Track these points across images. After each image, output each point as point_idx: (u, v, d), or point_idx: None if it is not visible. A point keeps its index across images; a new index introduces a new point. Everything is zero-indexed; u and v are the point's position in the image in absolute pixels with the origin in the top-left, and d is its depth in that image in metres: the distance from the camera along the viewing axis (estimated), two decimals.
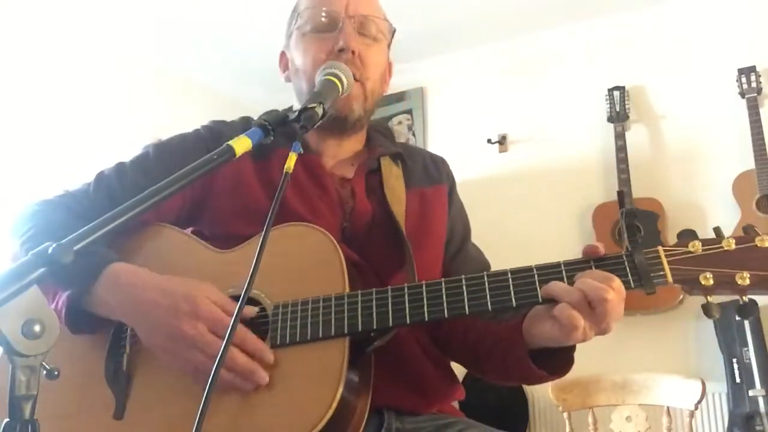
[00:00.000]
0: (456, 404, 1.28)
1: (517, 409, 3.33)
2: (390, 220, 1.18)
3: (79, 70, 3.36)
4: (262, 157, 1.19)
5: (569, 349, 1.02)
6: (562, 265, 0.96)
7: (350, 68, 1.13)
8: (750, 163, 3.09)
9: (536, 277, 0.95)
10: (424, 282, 0.99)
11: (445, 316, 0.97)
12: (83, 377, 1.05)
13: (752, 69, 3.21)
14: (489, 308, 0.96)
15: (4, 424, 0.61)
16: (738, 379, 2.92)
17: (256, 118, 0.97)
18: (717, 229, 0.95)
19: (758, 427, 2.78)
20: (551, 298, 0.93)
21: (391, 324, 0.97)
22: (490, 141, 3.83)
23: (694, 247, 0.93)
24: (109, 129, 3.33)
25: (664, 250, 0.94)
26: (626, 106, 3.49)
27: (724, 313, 2.89)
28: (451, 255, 1.28)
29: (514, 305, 0.95)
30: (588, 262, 0.96)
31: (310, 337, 0.97)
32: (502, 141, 3.84)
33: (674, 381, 2.18)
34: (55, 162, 3.00)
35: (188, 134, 1.27)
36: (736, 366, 2.93)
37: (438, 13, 3.56)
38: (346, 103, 1.18)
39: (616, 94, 3.51)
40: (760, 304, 2.91)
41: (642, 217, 3.18)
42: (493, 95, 3.92)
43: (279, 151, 1.16)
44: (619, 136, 3.42)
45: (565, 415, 2.28)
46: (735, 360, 2.94)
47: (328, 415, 0.90)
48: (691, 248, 0.93)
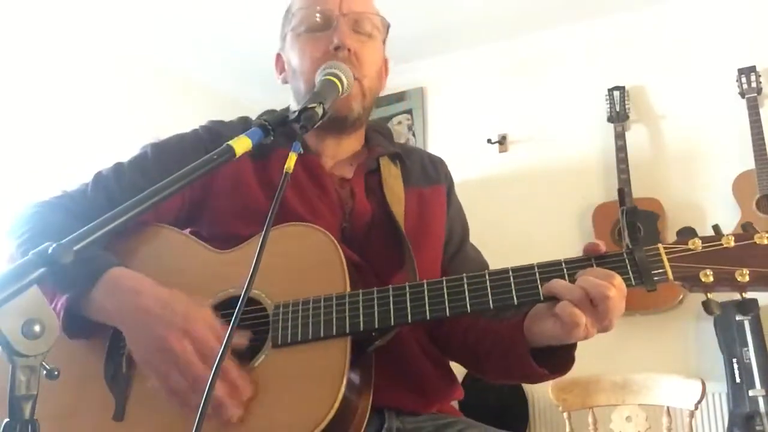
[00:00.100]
0: (455, 404, 1.28)
1: (517, 409, 3.33)
2: (389, 220, 1.18)
3: (79, 70, 3.36)
4: (261, 157, 1.19)
5: (570, 348, 1.02)
6: (564, 263, 0.96)
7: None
8: (750, 163, 3.09)
9: (537, 275, 0.96)
10: (426, 281, 0.99)
11: (447, 315, 0.96)
12: (82, 378, 1.05)
13: (752, 69, 3.21)
14: (491, 306, 0.95)
15: (4, 424, 0.61)
16: (738, 379, 2.91)
17: (255, 118, 0.96)
18: (716, 227, 0.96)
19: (758, 427, 2.77)
20: (553, 296, 0.93)
21: (393, 323, 0.97)
22: (490, 141, 3.83)
23: (694, 244, 0.94)
24: (109, 129, 3.32)
25: (665, 248, 0.94)
26: (626, 106, 3.49)
27: (724, 312, 2.89)
28: (450, 256, 1.28)
29: (515, 303, 0.95)
30: (589, 259, 0.96)
31: (311, 337, 0.97)
32: (502, 141, 3.84)
33: (674, 381, 2.18)
34: (55, 162, 3.00)
35: (187, 134, 1.26)
36: (736, 366, 2.93)
37: (438, 13, 3.56)
38: (345, 102, 1.17)
39: (616, 94, 3.51)
40: (761, 303, 2.91)
41: (642, 217, 3.18)
42: (493, 95, 3.92)
43: (279, 151, 1.16)
44: (619, 136, 3.42)
45: (565, 415, 2.28)
46: (735, 360, 2.93)
47: (330, 415, 0.90)
48: (691, 246, 0.94)
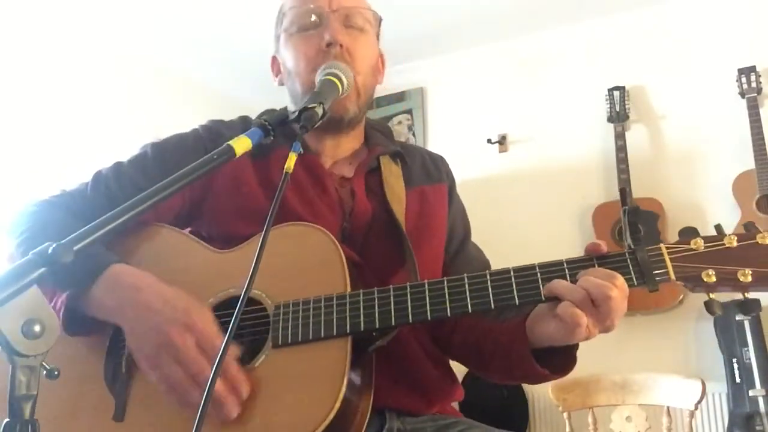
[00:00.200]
0: (456, 404, 1.27)
1: (517, 409, 3.33)
2: (390, 220, 1.18)
3: (79, 70, 3.36)
4: (261, 157, 1.18)
5: (572, 348, 1.01)
6: (565, 263, 0.96)
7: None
8: (750, 163, 3.09)
9: (539, 275, 0.95)
10: (427, 281, 0.99)
11: (448, 315, 0.96)
12: (82, 378, 1.04)
13: (752, 69, 3.21)
14: (492, 306, 0.95)
15: (4, 424, 0.61)
16: (738, 379, 2.91)
17: (255, 117, 0.96)
18: (718, 227, 0.95)
19: (758, 427, 2.77)
20: (554, 296, 0.93)
21: (394, 323, 0.97)
22: (490, 141, 3.83)
23: (696, 244, 0.93)
24: (109, 129, 3.32)
25: (667, 248, 0.94)
26: (626, 106, 3.49)
27: (724, 312, 2.88)
28: (452, 255, 1.27)
29: (516, 303, 0.95)
30: (591, 259, 0.95)
31: (311, 337, 0.96)
32: (502, 141, 3.84)
33: (674, 381, 2.18)
34: (55, 162, 3.00)
35: (186, 134, 1.26)
36: (736, 366, 2.92)
37: (438, 13, 3.55)
38: (340, 103, 1.16)
39: (616, 94, 3.51)
40: (763, 303, 2.90)
41: (642, 217, 3.18)
42: (493, 95, 3.92)
43: (278, 151, 1.15)
44: (619, 136, 3.42)
45: (565, 415, 2.28)
46: (735, 360, 2.93)
47: (331, 416, 0.89)
48: (693, 245, 0.93)
